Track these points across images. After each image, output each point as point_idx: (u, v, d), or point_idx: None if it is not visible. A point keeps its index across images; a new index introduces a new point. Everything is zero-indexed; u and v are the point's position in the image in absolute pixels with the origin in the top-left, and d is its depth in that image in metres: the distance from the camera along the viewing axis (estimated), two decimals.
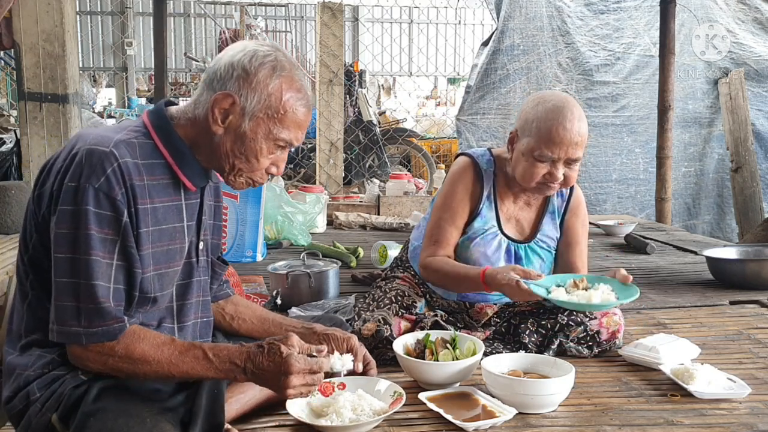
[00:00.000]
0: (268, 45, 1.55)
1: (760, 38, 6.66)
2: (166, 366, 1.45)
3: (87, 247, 1.39)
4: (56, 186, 1.42)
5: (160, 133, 1.52)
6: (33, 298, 1.50)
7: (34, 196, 1.49)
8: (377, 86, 15.02)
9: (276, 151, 1.55)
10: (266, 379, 1.49)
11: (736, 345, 2.35)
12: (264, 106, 1.50)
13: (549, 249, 2.33)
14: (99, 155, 1.40)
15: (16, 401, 1.47)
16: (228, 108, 1.49)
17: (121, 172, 1.41)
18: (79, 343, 1.41)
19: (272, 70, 1.50)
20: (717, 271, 3.23)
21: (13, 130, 6.16)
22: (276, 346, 1.48)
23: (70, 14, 4.18)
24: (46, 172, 1.48)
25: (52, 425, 1.44)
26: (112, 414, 1.39)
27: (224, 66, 1.50)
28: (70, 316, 1.40)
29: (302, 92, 1.54)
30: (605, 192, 6.53)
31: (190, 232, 1.59)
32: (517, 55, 6.24)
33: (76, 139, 1.47)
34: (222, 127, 1.50)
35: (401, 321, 2.18)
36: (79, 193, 1.39)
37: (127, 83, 14.85)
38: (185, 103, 1.58)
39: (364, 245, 3.84)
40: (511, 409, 1.73)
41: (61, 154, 1.48)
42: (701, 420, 1.76)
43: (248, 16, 10.84)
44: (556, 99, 2.13)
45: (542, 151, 2.09)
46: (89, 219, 1.38)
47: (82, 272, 1.39)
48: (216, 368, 1.47)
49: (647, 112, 6.43)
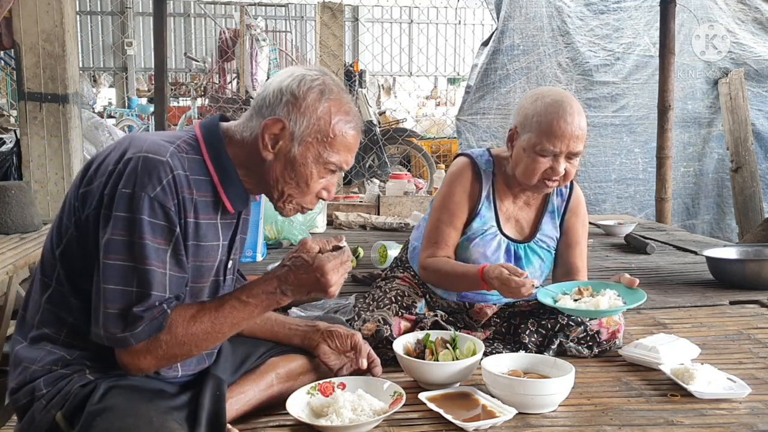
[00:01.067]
0: (315, 69, 1.56)
1: (760, 38, 6.66)
2: (212, 330, 1.46)
3: (142, 255, 1.38)
4: (108, 190, 1.41)
5: (211, 150, 1.52)
6: (55, 293, 1.48)
7: (77, 193, 1.47)
8: (377, 86, 15.02)
9: (326, 175, 1.56)
10: (305, 288, 1.51)
11: (736, 345, 2.35)
12: (313, 130, 1.50)
13: (549, 249, 2.33)
14: (155, 164, 1.40)
15: (20, 395, 1.47)
16: (278, 133, 1.50)
17: (175, 183, 1.42)
18: (127, 347, 1.40)
19: (320, 94, 1.51)
20: (717, 271, 3.23)
21: (13, 130, 6.16)
22: (299, 258, 1.50)
23: (70, 14, 4.18)
24: (93, 171, 1.47)
25: (56, 423, 1.44)
26: (119, 413, 1.39)
27: (273, 92, 1.51)
28: (118, 320, 1.39)
29: (351, 115, 1.55)
30: (604, 192, 6.53)
31: (222, 251, 1.60)
32: (517, 55, 6.24)
33: (128, 144, 1.46)
34: (272, 152, 1.51)
35: (401, 321, 2.18)
36: (135, 200, 1.38)
37: (127, 83, 14.86)
38: (236, 122, 1.58)
39: (364, 245, 3.84)
40: (511, 409, 1.73)
41: (110, 155, 1.46)
42: (701, 420, 1.76)
43: (248, 16, 10.83)
44: (555, 94, 2.14)
45: (544, 145, 2.09)
46: (143, 227, 1.38)
47: (138, 281, 1.39)
48: (257, 306, 1.50)
49: (646, 112, 6.43)
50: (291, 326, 1.85)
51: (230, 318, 1.48)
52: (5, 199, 3.45)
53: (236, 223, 1.62)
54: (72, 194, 1.50)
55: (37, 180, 4.18)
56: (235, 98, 9.57)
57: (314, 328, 1.84)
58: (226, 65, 11.86)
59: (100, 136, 7.68)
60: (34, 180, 4.17)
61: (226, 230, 1.59)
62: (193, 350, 1.47)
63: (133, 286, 1.38)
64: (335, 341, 1.83)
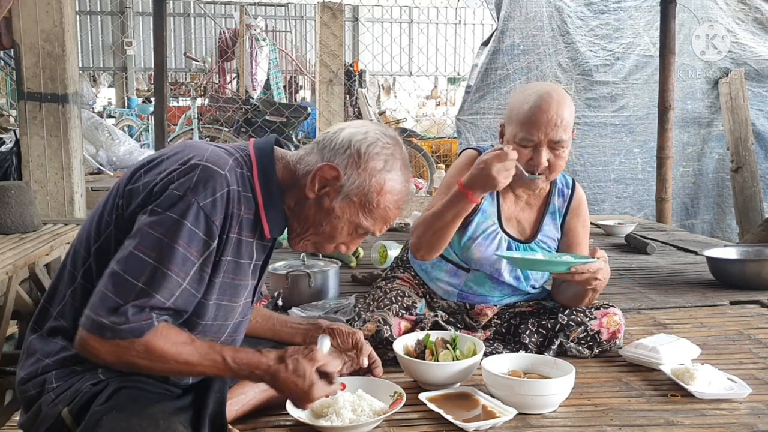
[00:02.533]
0: (390, 136, 1.56)
1: (760, 38, 6.65)
2: (183, 366, 1.43)
3: (169, 259, 1.37)
4: (158, 188, 1.41)
5: (262, 172, 1.52)
6: (80, 288, 1.48)
7: (123, 191, 1.47)
8: (377, 86, 15.03)
9: (353, 234, 1.58)
10: (286, 393, 1.52)
11: (736, 345, 2.35)
12: (361, 193, 1.52)
13: (549, 250, 2.33)
14: (213, 175, 1.41)
15: (29, 386, 1.47)
16: (329, 179, 1.51)
17: (228, 198, 1.42)
18: (102, 336, 1.37)
19: (384, 164, 1.53)
20: (717, 271, 3.23)
21: (13, 130, 6.15)
22: (302, 366, 1.48)
23: (70, 14, 4.18)
24: (144, 171, 1.47)
25: (61, 418, 1.44)
26: (126, 414, 1.39)
27: (342, 139, 1.53)
28: (111, 308, 1.36)
29: (401, 194, 1.57)
30: (603, 192, 6.53)
31: (255, 272, 1.61)
32: (517, 55, 6.24)
33: (189, 150, 1.47)
34: (315, 194, 1.52)
35: (401, 321, 2.18)
36: (182, 203, 1.38)
37: (127, 83, 14.85)
38: (293, 152, 1.59)
39: (364, 245, 3.83)
40: (511, 410, 1.73)
41: (167, 159, 1.47)
42: (701, 420, 1.76)
43: (248, 15, 10.84)
44: (537, 86, 2.15)
45: (523, 135, 2.10)
46: (182, 232, 1.38)
47: (151, 279, 1.37)
48: (235, 373, 1.47)
49: (646, 112, 6.43)
50: (293, 325, 1.86)
51: (205, 367, 1.44)
52: (5, 199, 3.44)
53: (271, 246, 1.64)
54: (117, 191, 1.49)
55: (37, 180, 4.18)
56: (235, 98, 9.57)
57: (316, 326, 1.85)
58: (225, 65, 11.87)
59: (99, 136, 7.69)
60: (34, 180, 4.17)
61: (260, 252, 1.60)
62: (155, 369, 1.44)
63: (141, 282, 1.37)
64: (336, 339, 1.83)
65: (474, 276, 2.30)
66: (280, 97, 10.50)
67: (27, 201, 3.53)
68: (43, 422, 1.45)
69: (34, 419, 1.46)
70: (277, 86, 10.63)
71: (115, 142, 7.66)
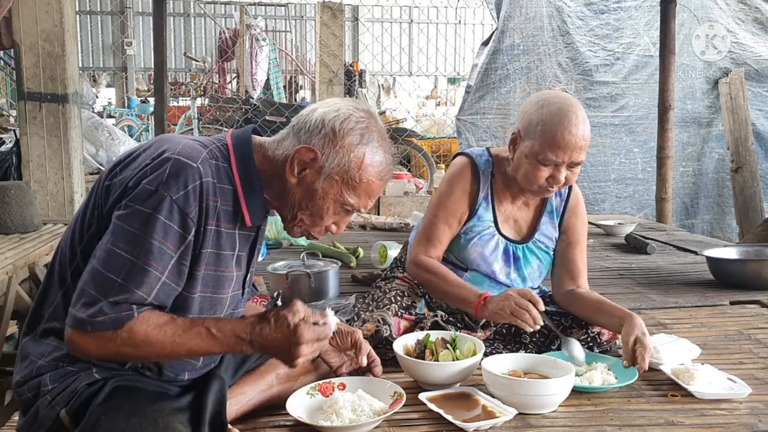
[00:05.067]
0: (362, 110, 1.56)
1: (760, 38, 6.66)
2: (169, 346, 1.41)
3: (146, 254, 1.37)
4: (132, 183, 1.40)
5: (240, 161, 1.52)
6: (71, 288, 1.47)
7: (100, 188, 1.47)
8: (377, 86, 15.03)
9: (341, 213, 1.57)
10: (274, 349, 1.47)
11: (736, 345, 2.35)
12: (341, 170, 1.51)
13: (547, 250, 2.33)
14: (184, 167, 1.40)
15: (25, 388, 1.46)
16: (308, 162, 1.50)
17: (201, 190, 1.41)
18: (83, 330, 1.37)
19: (360, 138, 1.52)
20: (717, 271, 3.23)
21: (13, 130, 6.15)
22: (283, 317, 1.45)
23: (70, 14, 4.18)
24: (121, 166, 1.47)
25: (59, 420, 1.43)
26: (124, 414, 1.39)
27: (315, 120, 1.52)
28: (87, 303, 1.36)
29: (382, 165, 1.55)
30: (603, 192, 6.53)
31: (240, 262, 1.60)
32: (517, 55, 6.24)
33: (162, 144, 1.46)
34: (296, 177, 1.51)
35: (401, 321, 2.18)
36: (155, 198, 1.37)
37: (127, 83, 14.86)
38: (270, 138, 1.58)
39: (364, 245, 3.83)
40: (511, 410, 1.73)
41: (142, 154, 1.46)
42: (702, 420, 1.76)
43: (248, 15, 10.83)
44: (561, 101, 2.10)
45: (546, 155, 2.07)
46: (156, 227, 1.37)
47: (129, 275, 1.37)
48: (221, 343, 1.44)
49: (646, 112, 6.44)
50: None
51: (192, 343, 1.42)
52: (5, 199, 3.45)
53: (255, 236, 1.63)
54: (97, 188, 1.49)
55: (37, 180, 4.18)
56: (235, 98, 9.57)
57: None
58: (225, 65, 11.87)
59: (99, 136, 7.68)
60: (34, 180, 4.17)
61: (244, 241, 1.59)
62: (142, 354, 1.42)
63: (120, 278, 1.36)
64: (336, 338, 1.83)
65: (472, 276, 2.31)
66: (280, 97, 10.50)
67: (27, 201, 3.53)
68: (41, 425, 1.45)
69: (32, 422, 1.46)
70: (277, 86, 10.62)
71: (115, 142, 7.66)
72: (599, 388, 1.91)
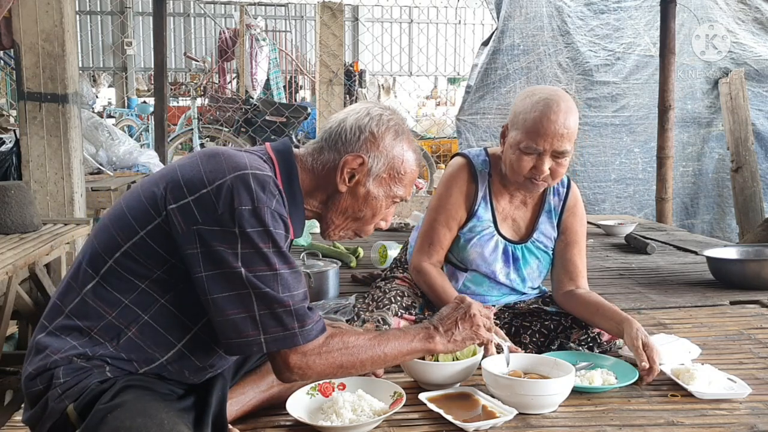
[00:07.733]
0: (386, 108, 1.66)
1: (760, 38, 6.65)
2: (377, 347, 1.55)
3: (279, 262, 1.42)
4: (222, 209, 1.40)
5: (285, 174, 1.57)
6: (99, 287, 1.46)
7: (163, 207, 1.44)
8: (377, 86, 15.04)
9: (391, 206, 1.67)
10: (454, 322, 1.67)
11: (736, 345, 2.35)
12: (389, 167, 1.61)
13: (546, 250, 2.33)
14: (265, 180, 1.45)
15: (37, 380, 1.46)
16: (356, 168, 1.58)
17: (282, 196, 1.48)
18: (296, 344, 1.42)
19: (396, 134, 1.62)
20: (717, 271, 3.23)
21: (13, 130, 6.15)
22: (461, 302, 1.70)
23: (70, 14, 4.18)
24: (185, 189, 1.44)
25: (66, 414, 1.43)
26: (130, 413, 1.38)
27: (350, 128, 1.59)
28: (273, 323, 1.41)
29: (417, 152, 1.68)
30: (604, 192, 6.53)
31: None
32: (517, 55, 6.23)
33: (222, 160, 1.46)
34: (347, 185, 1.59)
35: (401, 321, 2.18)
36: (259, 214, 1.41)
37: (127, 83, 14.86)
38: (304, 152, 1.63)
39: (364, 245, 3.84)
40: (511, 410, 1.73)
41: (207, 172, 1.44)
42: (702, 420, 1.76)
43: (248, 15, 10.84)
44: (545, 92, 2.12)
45: (528, 143, 2.08)
46: (275, 238, 1.42)
47: (286, 286, 1.42)
48: (414, 336, 1.62)
49: (646, 112, 6.43)
50: None
51: (391, 342, 1.57)
52: (5, 199, 3.44)
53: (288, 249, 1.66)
54: (155, 206, 1.46)
55: (37, 180, 4.17)
56: (235, 98, 9.57)
57: None
58: (225, 65, 11.88)
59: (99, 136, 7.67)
60: (34, 180, 4.17)
61: None
62: (356, 361, 1.52)
63: (279, 291, 1.42)
64: None
65: (472, 276, 2.31)
66: (280, 97, 10.51)
67: (27, 201, 3.53)
68: (49, 417, 1.45)
69: (41, 414, 1.46)
70: (277, 86, 10.63)
71: (115, 142, 7.64)
72: (599, 388, 1.91)
